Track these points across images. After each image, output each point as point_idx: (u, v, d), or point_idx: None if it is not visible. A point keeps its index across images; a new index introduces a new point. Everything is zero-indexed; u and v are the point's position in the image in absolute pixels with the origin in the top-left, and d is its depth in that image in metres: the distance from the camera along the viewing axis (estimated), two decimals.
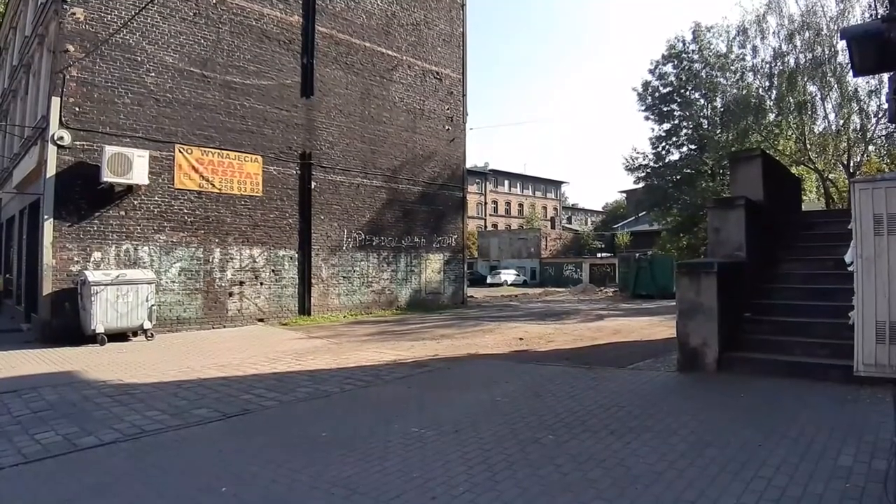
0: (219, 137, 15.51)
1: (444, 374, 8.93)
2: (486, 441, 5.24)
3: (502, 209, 78.86)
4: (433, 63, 21.74)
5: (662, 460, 4.64)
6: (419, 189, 21.01)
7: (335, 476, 4.52)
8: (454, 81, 22.60)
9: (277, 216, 16.69)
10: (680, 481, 4.21)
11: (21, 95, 18.93)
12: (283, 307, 16.75)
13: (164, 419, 6.52)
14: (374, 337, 13.47)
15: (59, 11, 13.30)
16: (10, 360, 10.69)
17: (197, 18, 15.29)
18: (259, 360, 10.31)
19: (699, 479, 4.24)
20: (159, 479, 4.73)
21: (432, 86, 21.70)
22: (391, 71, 20.19)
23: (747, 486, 4.10)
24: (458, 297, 22.55)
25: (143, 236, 14.15)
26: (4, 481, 4.79)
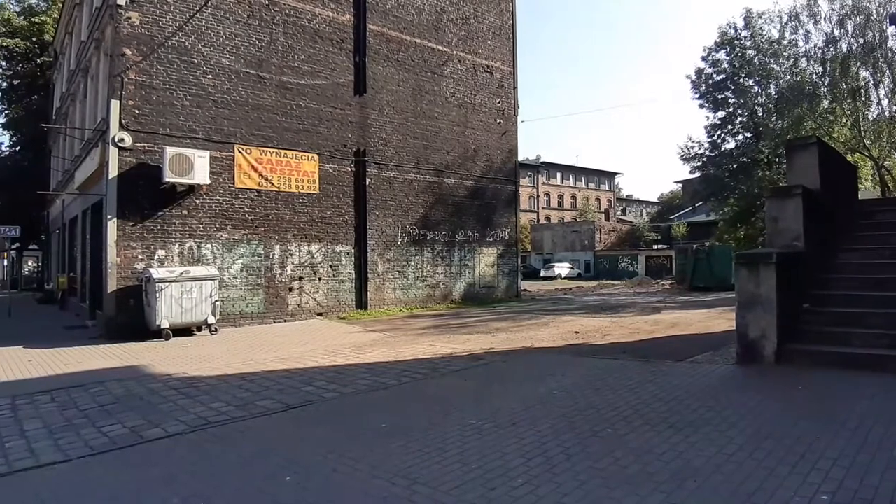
0: (276, 137, 15.89)
1: (500, 367, 8.92)
2: (544, 434, 5.21)
3: (555, 202, 77.99)
4: (484, 56, 21.69)
5: (721, 453, 4.56)
6: (471, 183, 21.02)
7: (396, 466, 4.57)
8: (505, 74, 22.49)
9: (334, 213, 17.00)
10: (738, 474, 4.13)
11: (80, 98, 19.73)
12: (340, 301, 17.06)
13: (229, 410, 6.69)
14: (430, 330, 13.55)
15: (115, 16, 13.75)
16: (76, 356, 11.16)
17: (251, 20, 15.67)
18: (319, 354, 10.52)
19: (757, 472, 4.15)
20: (225, 469, 4.87)
21: (483, 79, 21.66)
22: (442, 66, 20.25)
23: (805, 478, 4.00)
24: (511, 290, 22.48)
25: (206, 234, 14.62)
26: (73, 473, 4.99)
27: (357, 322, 15.56)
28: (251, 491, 4.33)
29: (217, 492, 4.35)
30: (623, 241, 58.30)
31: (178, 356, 10.78)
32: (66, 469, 5.08)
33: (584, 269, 52.01)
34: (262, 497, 4.19)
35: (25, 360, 10.83)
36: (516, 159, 23.23)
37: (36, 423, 6.52)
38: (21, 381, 8.95)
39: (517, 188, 23.26)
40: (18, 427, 6.41)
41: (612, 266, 50.41)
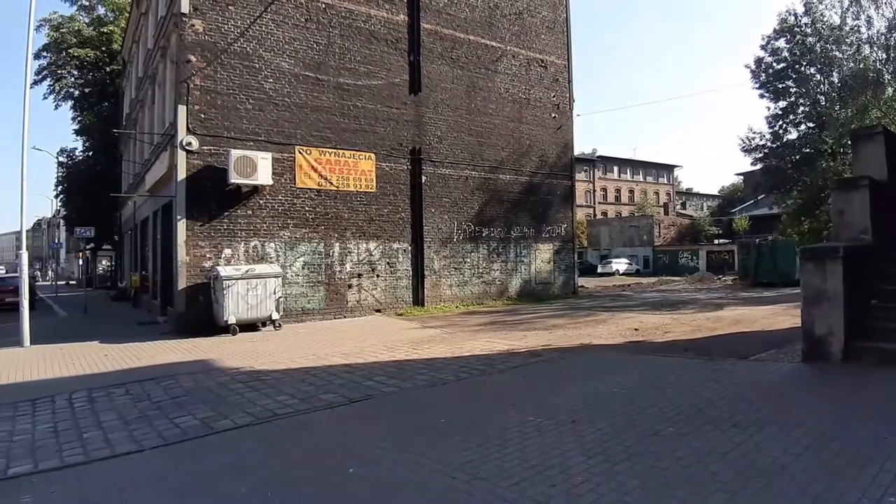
0: (335, 137, 16.22)
1: (559, 363, 8.89)
2: (604, 432, 5.18)
3: (612, 196, 76.52)
4: (538, 51, 21.53)
5: (787, 453, 4.44)
6: (526, 179, 20.92)
7: (456, 460, 4.63)
8: (559, 68, 22.27)
9: (391, 211, 17.24)
10: (805, 475, 4.03)
11: (148, 104, 20.55)
12: (398, 298, 17.30)
13: (294, 403, 6.90)
14: (487, 327, 13.59)
15: (179, 24, 14.31)
16: (149, 351, 11.70)
17: (308, 24, 16.03)
18: (378, 349, 10.71)
19: (824, 473, 4.04)
20: (291, 460, 5.03)
21: (537, 74, 21.50)
22: (496, 62, 20.21)
23: (873, 479, 3.87)
24: (568, 287, 22.27)
25: (269, 233, 15.07)
26: (147, 462, 5.24)
27: (414, 318, 15.75)
28: (316, 482, 4.47)
29: (285, 481, 4.50)
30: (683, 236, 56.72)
31: (244, 351, 11.16)
32: (141, 459, 5.34)
33: (642, 264, 50.94)
34: (327, 488, 4.31)
35: (101, 355, 11.44)
36: (572, 154, 22.98)
37: (111, 415, 6.89)
38: (97, 375, 9.46)
39: (573, 183, 23.01)
40: (95, 418, 6.78)
41: (672, 262, 49.19)
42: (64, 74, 35.40)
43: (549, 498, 3.88)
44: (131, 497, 4.42)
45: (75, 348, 12.48)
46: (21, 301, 13.51)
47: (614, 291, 26.44)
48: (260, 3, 15.09)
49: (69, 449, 5.71)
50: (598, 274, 45.93)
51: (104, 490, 4.59)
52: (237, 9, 14.85)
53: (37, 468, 5.19)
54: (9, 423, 6.71)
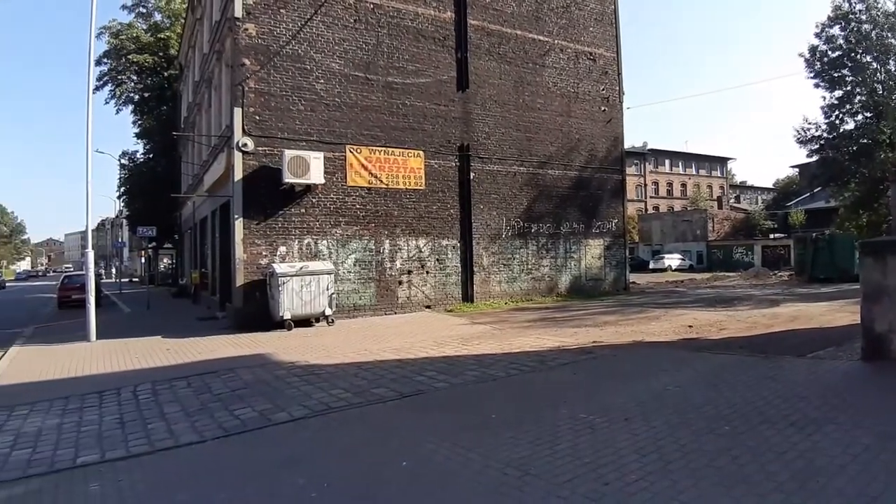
0: (384, 136, 16.40)
1: (611, 361, 8.81)
2: (658, 430, 5.14)
3: (664, 190, 74.76)
4: (586, 44, 21.23)
5: (846, 453, 4.34)
6: (575, 173, 20.67)
7: (507, 456, 4.66)
8: (608, 61, 21.90)
9: (440, 207, 17.33)
10: (864, 475, 3.93)
11: (205, 107, 21.16)
12: (447, 294, 17.38)
13: (348, 397, 7.06)
14: (536, 323, 13.53)
15: (234, 28, 14.70)
16: (209, 345, 12.11)
17: (357, 24, 16.24)
18: (428, 345, 10.81)
19: (884, 474, 3.93)
20: (345, 452, 5.16)
21: (586, 67, 21.21)
22: (543, 56, 20.04)
23: None
24: (619, 283, 21.93)
25: (322, 231, 15.37)
26: (208, 452, 5.46)
27: (463, 314, 15.80)
28: (370, 475, 4.56)
29: (339, 474, 4.63)
30: (737, 231, 54.98)
31: (299, 345, 11.42)
32: (202, 449, 5.57)
33: (695, 260, 49.68)
34: (381, 481, 4.41)
35: (164, 349, 11.91)
36: (622, 147, 22.58)
37: (174, 407, 7.17)
38: (160, 368, 9.85)
39: (623, 177, 22.62)
40: (159, 410, 7.08)
41: (726, 257, 47.82)
42: (124, 80, 36.79)
43: (601, 496, 3.88)
44: (194, 486, 4.60)
45: (139, 343, 13.01)
46: (87, 298, 14.14)
47: (667, 287, 25.90)
48: (310, 6, 15.38)
49: (134, 439, 5.96)
50: (649, 270, 45.04)
51: (168, 479, 4.80)
52: (288, 12, 15.17)
53: (104, 458, 5.43)
54: (77, 415, 7.05)
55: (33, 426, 6.63)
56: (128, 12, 38.02)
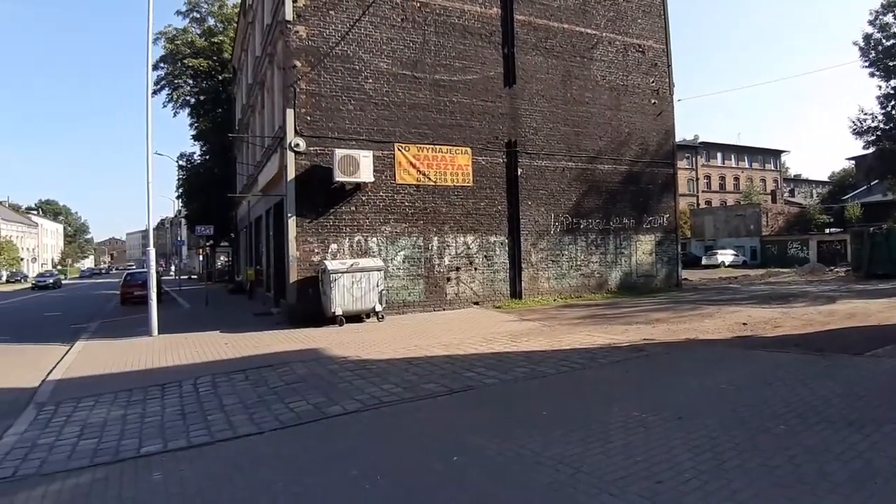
0: (432, 134, 16.50)
1: (663, 358, 8.71)
2: (712, 428, 5.08)
3: (716, 184, 72.69)
4: (634, 36, 20.83)
5: None
6: (625, 168, 20.34)
7: (559, 453, 4.67)
8: (658, 53, 21.43)
9: (487, 204, 17.31)
10: None
11: (258, 109, 21.68)
12: (495, 291, 17.36)
13: (399, 392, 7.18)
14: (586, 320, 13.41)
15: (285, 31, 15.03)
16: (264, 340, 12.46)
17: (405, 23, 16.37)
18: (477, 341, 10.85)
19: None
20: (397, 445, 5.26)
21: (635, 60, 20.82)
22: (591, 49, 19.77)
23: None
24: (671, 279, 21.46)
25: (372, 228, 15.59)
26: (266, 443, 5.64)
27: (512, 311, 15.76)
28: (422, 468, 4.65)
29: (392, 466, 4.73)
30: (791, 226, 53.03)
31: (350, 341, 11.64)
32: (260, 440, 5.77)
33: (749, 255, 48.23)
34: (432, 475, 4.48)
35: (222, 343, 12.34)
36: (673, 141, 22.09)
37: (233, 399, 7.44)
38: (219, 362, 10.22)
39: (675, 171, 22.12)
40: (218, 402, 7.36)
41: (781, 252, 46.27)
42: (180, 84, 37.96)
43: (654, 494, 3.86)
44: (252, 476, 4.77)
45: (198, 337, 13.50)
46: (149, 294, 14.72)
47: (720, 284, 25.25)
48: (358, 7, 15.58)
49: (195, 430, 6.22)
50: (702, 266, 43.99)
51: (228, 469, 4.98)
52: (337, 13, 15.41)
53: (166, 447, 5.69)
54: (140, 406, 7.40)
55: (99, 417, 6.99)
56: (182, 17, 39.28)
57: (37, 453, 5.75)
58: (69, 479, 5.00)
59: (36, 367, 10.97)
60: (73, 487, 4.80)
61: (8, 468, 5.35)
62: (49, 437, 6.27)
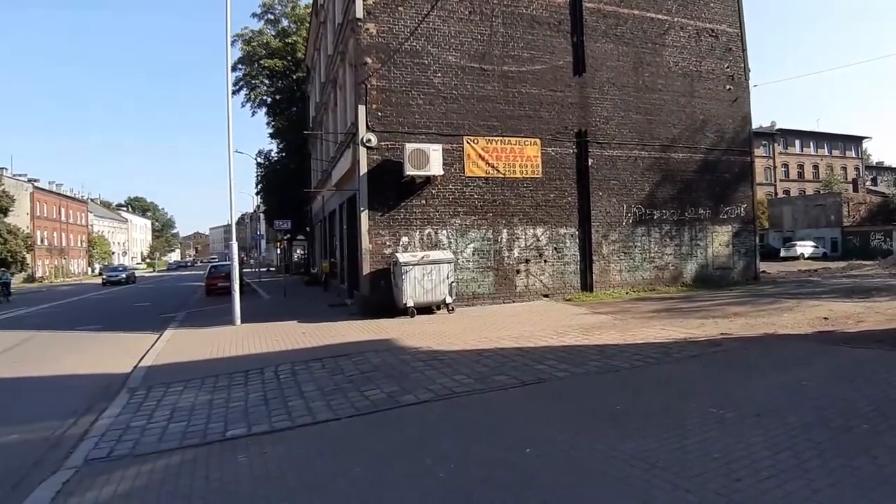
0: (500, 125, 16.49)
1: (740, 353, 8.46)
2: (792, 426, 4.94)
3: (794, 173, 69.21)
4: (707, 20, 20.03)
5: None
6: (700, 157, 19.65)
7: (633, 448, 4.64)
8: (731, 37, 20.52)
9: (557, 195, 17.16)
10: None
11: (331, 107, 22.21)
12: (565, 283, 17.21)
13: (470, 383, 7.28)
14: (660, 313, 13.12)
15: (356, 29, 15.34)
16: (339, 330, 12.88)
17: (472, 16, 16.38)
18: (547, 334, 10.83)
19: None
20: (469, 436, 5.34)
21: (708, 44, 20.05)
22: (662, 35, 19.18)
23: None
24: (749, 272, 20.63)
25: (441, 221, 15.77)
26: (343, 430, 5.87)
27: (583, 304, 15.59)
28: (495, 459, 4.70)
29: (464, 456, 4.81)
30: (874, 216, 49.79)
31: (421, 332, 11.86)
32: (337, 426, 6.00)
33: (829, 247, 45.82)
34: (506, 466, 4.53)
35: (300, 333, 12.87)
36: (749, 128, 21.16)
37: (311, 386, 7.75)
38: (297, 350, 10.65)
39: (752, 159, 21.23)
40: (298, 389, 7.68)
41: (863, 244, 43.71)
42: (257, 84, 39.37)
43: (732, 492, 3.81)
44: (331, 460, 4.98)
45: (278, 327, 14.11)
46: (232, 286, 15.48)
47: (799, 277, 24.06)
48: (427, 2, 15.69)
49: (277, 415, 6.53)
50: (780, 258, 42.13)
51: (308, 453, 5.21)
52: (406, 9, 15.61)
53: (250, 431, 6.00)
54: (225, 392, 7.82)
55: (187, 401, 7.43)
56: (258, 20, 40.71)
57: (130, 435, 6.17)
58: (160, 459, 5.34)
59: (128, 353, 11.77)
60: (163, 468, 5.11)
61: (104, 449, 5.76)
62: (141, 420, 6.71)
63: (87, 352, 12.73)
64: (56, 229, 72.41)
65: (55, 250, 70.53)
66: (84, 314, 21.81)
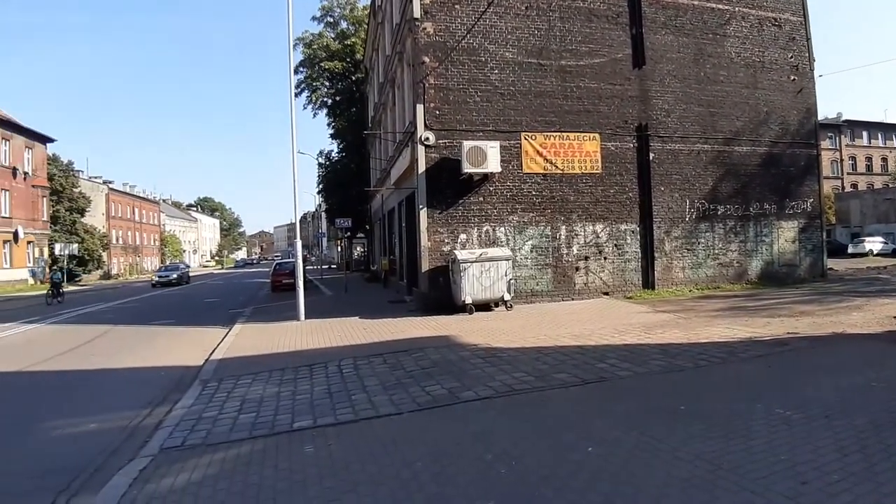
0: (558, 121, 16.38)
1: (808, 353, 8.22)
2: (862, 428, 4.81)
3: (862, 166, 65.64)
4: (769, 9, 19.26)
5: None
6: (765, 149, 18.94)
7: (698, 449, 4.59)
8: (795, 25, 19.65)
9: (617, 191, 16.93)
10: None
11: (389, 106, 22.54)
12: (626, 281, 16.96)
13: (530, 380, 7.31)
14: (724, 312, 12.78)
15: (413, 28, 15.53)
16: (399, 326, 13.12)
17: (529, 11, 16.32)
18: (608, 332, 10.72)
19: None
20: (530, 433, 5.37)
21: (771, 34, 19.27)
22: (724, 25, 18.58)
23: None
24: (815, 269, 19.75)
25: (499, 218, 15.81)
26: (405, 424, 6.01)
27: (644, 302, 15.33)
28: (557, 457, 4.71)
29: (526, 453, 4.85)
30: None
31: (480, 329, 11.94)
32: (399, 420, 6.16)
33: None
34: (568, 464, 4.54)
35: (361, 328, 13.20)
36: (815, 119, 20.21)
37: (373, 381, 7.95)
38: (359, 346, 10.91)
39: (818, 152, 20.28)
40: (360, 383, 7.90)
41: None
42: (318, 86, 40.25)
43: (799, 495, 3.75)
44: (394, 454, 5.10)
45: (340, 323, 14.49)
46: (297, 283, 15.96)
47: (868, 274, 22.91)
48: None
49: (341, 408, 6.74)
50: (847, 254, 40.22)
51: (371, 446, 5.36)
52: (462, 7, 15.69)
53: (316, 423, 6.22)
54: (292, 385, 8.12)
55: (256, 393, 7.74)
56: (317, 23, 41.54)
57: (202, 425, 6.49)
58: (231, 449, 5.59)
59: (199, 347, 12.34)
60: (234, 457, 5.35)
61: (177, 438, 6.09)
62: (212, 411, 7.03)
63: (160, 345, 13.39)
64: (130, 228, 75.78)
65: (129, 249, 73.89)
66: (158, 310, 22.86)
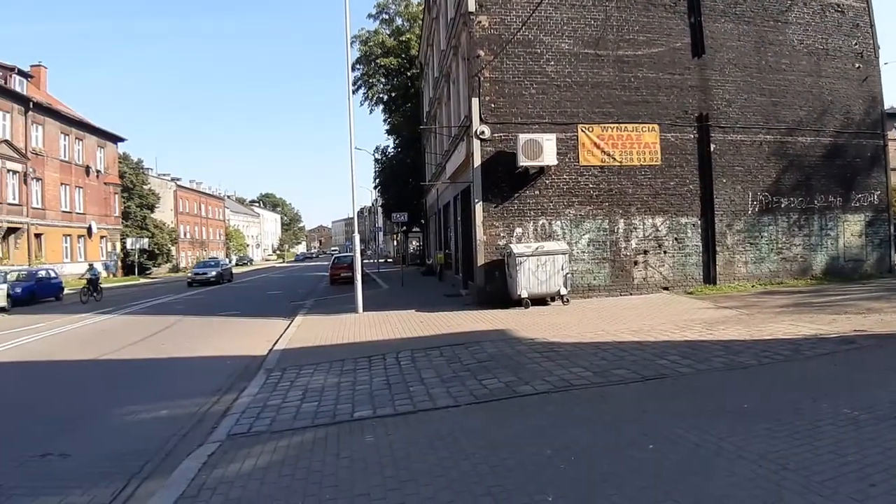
0: (616, 112, 16.12)
1: (876, 352, 7.94)
2: None
3: None
4: None
5: None
6: (829, 140, 18.06)
7: (762, 449, 4.52)
8: (858, 11, 18.57)
9: (677, 183, 16.53)
10: None
11: (444, 101, 22.65)
12: (686, 276, 16.57)
13: (588, 376, 7.30)
14: (789, 308, 12.33)
15: (468, 22, 15.55)
16: (455, 320, 13.25)
17: (584, 1, 16.08)
18: (668, 328, 10.56)
19: None
20: (589, 429, 5.38)
21: (834, 20, 18.28)
22: (785, 12, 17.76)
23: None
24: (883, 264, 18.69)
25: (555, 211, 15.72)
26: (462, 416, 6.12)
27: (705, 297, 14.92)
28: (617, 454, 4.71)
29: (586, 449, 4.87)
30: None
31: (536, 323, 11.95)
32: (457, 413, 6.27)
33: None
34: (629, 461, 4.54)
35: (418, 321, 13.45)
36: (882, 108, 19.06)
37: (430, 373, 8.11)
38: (416, 338, 11.12)
39: (885, 142, 19.13)
40: (418, 375, 8.06)
41: None
42: (374, 83, 40.86)
43: (867, 498, 3.66)
44: (452, 445, 5.20)
45: (397, 315, 14.78)
46: (355, 276, 16.33)
47: None
48: None
49: (399, 399, 6.92)
50: None
51: (430, 437, 5.48)
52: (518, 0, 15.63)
53: (375, 413, 6.41)
54: (352, 375, 8.39)
55: (318, 383, 8.03)
56: (373, 20, 42.24)
57: (267, 413, 6.78)
58: (295, 436, 5.84)
59: (263, 337, 12.83)
60: (298, 444, 5.59)
61: (244, 425, 6.38)
62: (277, 399, 7.33)
63: (226, 336, 13.97)
64: (197, 224, 78.79)
65: (196, 243, 76.77)
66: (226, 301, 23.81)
